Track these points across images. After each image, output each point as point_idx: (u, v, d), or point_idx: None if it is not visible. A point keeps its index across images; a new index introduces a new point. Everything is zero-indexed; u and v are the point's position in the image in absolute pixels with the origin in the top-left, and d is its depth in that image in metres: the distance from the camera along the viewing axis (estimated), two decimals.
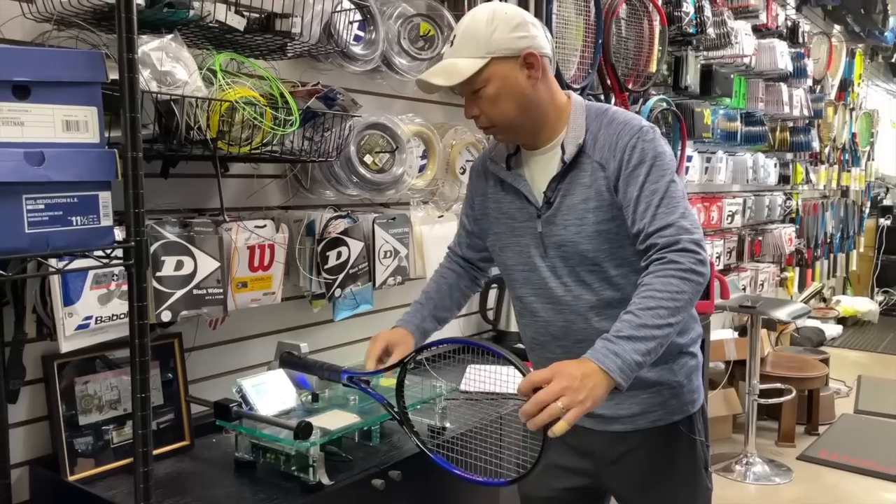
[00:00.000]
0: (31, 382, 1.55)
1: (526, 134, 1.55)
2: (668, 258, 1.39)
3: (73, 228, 1.07)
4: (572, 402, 1.25)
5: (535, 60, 1.48)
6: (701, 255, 1.39)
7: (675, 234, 1.40)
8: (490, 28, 1.47)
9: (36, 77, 1.03)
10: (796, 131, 5.21)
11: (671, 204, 1.43)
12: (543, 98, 1.52)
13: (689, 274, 1.37)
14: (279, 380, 1.73)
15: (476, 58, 1.47)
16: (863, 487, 3.49)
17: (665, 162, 1.47)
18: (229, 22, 1.51)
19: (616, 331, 1.33)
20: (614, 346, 1.31)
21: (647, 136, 1.48)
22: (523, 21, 1.49)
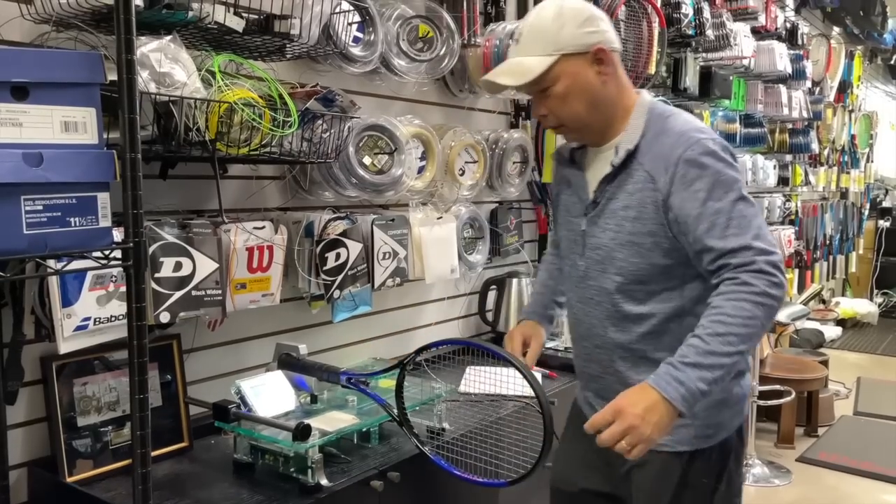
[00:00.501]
0: (30, 384, 1.55)
1: (594, 133, 1.52)
2: (741, 279, 1.31)
3: (72, 229, 1.07)
4: (638, 440, 1.26)
5: (605, 56, 1.44)
6: (777, 279, 1.31)
7: (751, 255, 1.32)
8: (558, 24, 1.43)
9: (34, 78, 1.03)
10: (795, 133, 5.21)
11: (742, 224, 1.34)
12: (613, 96, 1.48)
13: (764, 298, 1.30)
14: (278, 381, 1.73)
15: (544, 55, 1.43)
16: (862, 489, 3.49)
17: (728, 177, 1.37)
18: (228, 23, 1.51)
19: (682, 356, 1.29)
20: (679, 372, 1.27)
21: (703, 148, 1.38)
22: (592, 15, 1.45)
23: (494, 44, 2.43)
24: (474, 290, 2.73)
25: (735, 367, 1.31)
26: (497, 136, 2.61)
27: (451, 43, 2.26)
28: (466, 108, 2.63)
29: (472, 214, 2.51)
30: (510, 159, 2.63)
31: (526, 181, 2.78)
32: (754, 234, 1.34)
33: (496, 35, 2.44)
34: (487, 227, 2.60)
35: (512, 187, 2.67)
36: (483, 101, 2.70)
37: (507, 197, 2.75)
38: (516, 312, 2.64)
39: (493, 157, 2.57)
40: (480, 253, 2.56)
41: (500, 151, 2.58)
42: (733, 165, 1.40)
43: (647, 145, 1.44)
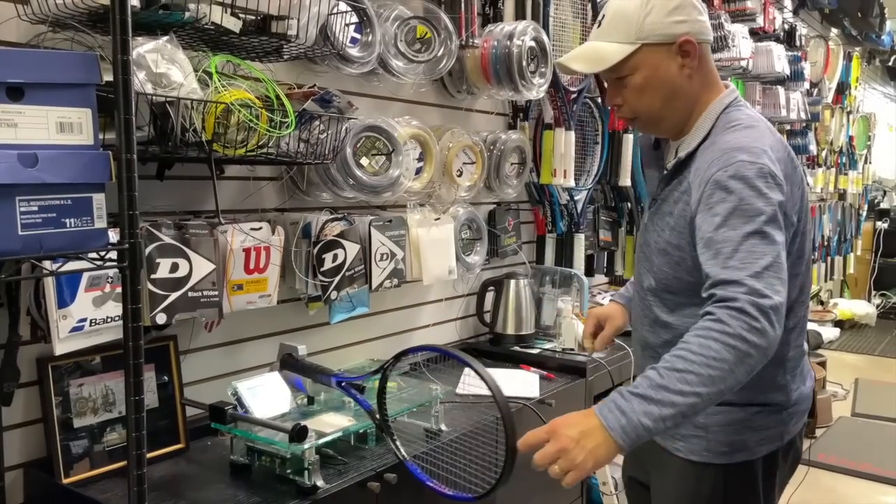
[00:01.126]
0: (26, 385, 1.55)
1: (670, 128, 1.46)
2: (717, 315, 1.19)
3: (67, 230, 1.07)
4: (570, 466, 1.16)
5: (692, 48, 1.36)
6: (759, 323, 1.17)
7: (737, 291, 1.19)
8: (644, 10, 1.34)
9: (30, 79, 1.03)
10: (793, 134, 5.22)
11: (747, 259, 1.21)
12: (695, 91, 1.40)
13: (737, 341, 1.16)
14: (274, 383, 1.72)
15: (625, 43, 1.35)
16: (860, 490, 3.49)
17: (751, 207, 1.24)
18: (225, 24, 1.51)
19: (634, 385, 1.19)
20: (624, 402, 1.17)
21: (735, 171, 1.26)
22: (684, 2, 1.36)
23: (492, 45, 2.43)
24: (472, 291, 2.73)
25: (694, 408, 1.16)
26: (495, 138, 2.60)
27: (449, 44, 2.26)
28: (464, 110, 2.63)
29: (470, 215, 2.51)
30: (508, 160, 2.63)
31: (524, 182, 2.78)
32: (755, 271, 1.20)
33: (494, 36, 2.44)
34: (485, 228, 2.59)
35: (510, 188, 2.67)
36: (481, 103, 2.70)
37: (505, 198, 2.75)
38: (514, 313, 2.65)
39: (491, 159, 2.57)
40: (478, 254, 2.56)
41: (498, 152, 2.58)
42: (764, 195, 1.25)
43: (701, 153, 1.37)
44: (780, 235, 1.26)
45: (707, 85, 1.43)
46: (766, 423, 1.45)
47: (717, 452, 1.44)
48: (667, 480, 1.52)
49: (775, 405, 1.46)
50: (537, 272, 2.91)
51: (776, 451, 1.46)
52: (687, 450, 1.47)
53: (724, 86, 1.47)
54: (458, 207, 2.46)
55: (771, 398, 1.45)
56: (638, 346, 1.58)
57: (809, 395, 1.52)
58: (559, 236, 3.00)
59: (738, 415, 1.43)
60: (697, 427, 1.45)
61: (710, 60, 1.43)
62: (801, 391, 1.50)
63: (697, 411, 1.17)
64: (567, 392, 2.35)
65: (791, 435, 1.49)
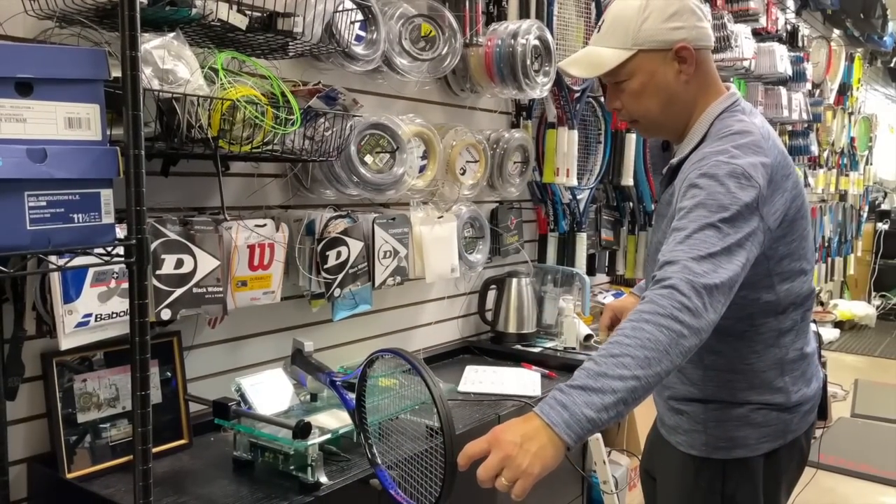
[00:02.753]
0: (30, 380, 1.55)
1: (669, 132, 1.48)
2: (649, 297, 1.16)
3: (75, 226, 1.07)
4: (516, 475, 1.07)
5: (688, 55, 1.37)
6: (690, 302, 1.13)
7: (673, 270, 1.17)
8: (642, 16, 1.36)
9: (39, 74, 1.03)
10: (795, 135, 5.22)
11: (697, 245, 1.20)
12: (693, 95, 1.41)
13: (668, 321, 1.12)
14: (278, 379, 1.73)
15: (621, 49, 1.37)
16: (859, 491, 3.50)
17: (717, 202, 1.23)
18: (231, 21, 1.51)
19: (571, 379, 1.12)
20: (564, 396, 1.10)
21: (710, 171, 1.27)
22: (682, 8, 1.37)
23: (496, 43, 2.43)
24: (474, 289, 2.73)
25: (635, 393, 1.10)
26: (498, 136, 2.61)
27: (454, 42, 2.26)
28: (468, 108, 2.63)
29: (473, 214, 2.51)
30: (511, 159, 2.63)
31: (526, 181, 2.78)
32: (698, 255, 1.18)
33: (498, 34, 2.45)
34: (488, 226, 2.60)
35: (512, 187, 2.67)
36: (484, 101, 2.70)
37: (507, 197, 2.75)
38: (516, 312, 2.65)
39: (494, 157, 2.57)
40: (481, 252, 2.56)
41: (501, 151, 2.58)
42: (731, 193, 1.24)
43: (695, 155, 1.36)
44: (740, 231, 1.23)
45: (706, 89, 1.43)
46: (767, 420, 1.45)
47: (715, 447, 1.45)
48: (669, 473, 1.55)
49: (775, 405, 1.46)
50: (539, 271, 2.92)
51: (779, 449, 1.47)
52: (687, 444, 1.49)
53: (726, 87, 1.48)
54: (461, 206, 2.47)
55: (769, 399, 1.45)
56: None
57: (814, 397, 1.53)
58: (561, 235, 3.00)
59: (738, 411, 1.44)
60: (697, 422, 1.47)
61: (709, 65, 1.44)
62: (804, 393, 1.49)
63: (638, 397, 1.11)
64: None
65: (795, 434, 1.49)
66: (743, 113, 1.42)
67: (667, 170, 1.45)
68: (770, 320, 1.43)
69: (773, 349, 1.44)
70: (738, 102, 1.44)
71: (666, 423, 1.56)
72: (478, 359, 2.59)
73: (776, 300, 1.41)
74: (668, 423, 1.55)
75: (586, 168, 3.11)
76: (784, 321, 1.43)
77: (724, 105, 1.42)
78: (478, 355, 2.63)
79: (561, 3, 2.79)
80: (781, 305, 1.42)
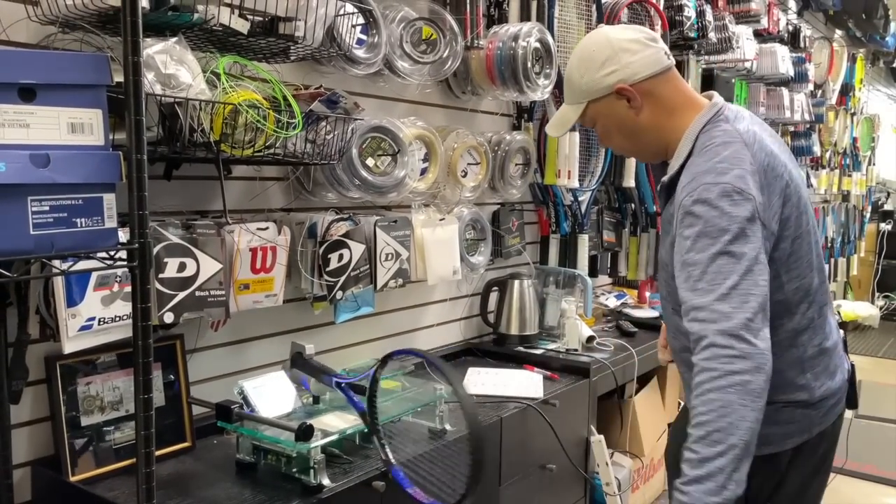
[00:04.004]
0: (34, 383, 1.56)
1: (650, 154, 1.60)
2: (700, 366, 1.27)
3: (78, 230, 1.08)
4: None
5: (627, 91, 1.48)
6: (734, 350, 1.23)
7: (703, 323, 1.27)
8: (579, 74, 1.52)
9: (41, 80, 1.04)
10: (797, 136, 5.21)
11: (714, 280, 1.29)
12: (657, 121, 1.50)
13: (726, 379, 1.23)
14: (280, 382, 1.73)
15: (576, 104, 1.55)
16: (862, 492, 3.49)
17: (715, 228, 1.31)
18: (233, 25, 1.51)
19: (683, 477, 1.25)
20: (685, 497, 1.23)
21: (698, 196, 1.34)
22: (610, 56, 1.48)
23: (497, 46, 2.43)
24: (476, 291, 2.74)
25: (741, 454, 1.22)
26: (500, 138, 2.61)
27: (455, 45, 2.27)
28: (469, 110, 2.63)
29: (475, 216, 2.52)
30: (512, 161, 2.63)
31: (528, 183, 2.79)
32: (721, 294, 1.27)
33: (499, 37, 2.45)
34: (489, 228, 2.60)
35: (514, 189, 2.67)
36: (486, 103, 2.71)
37: (509, 199, 2.76)
38: (518, 314, 2.65)
39: (496, 159, 2.58)
40: (482, 254, 2.57)
41: (502, 153, 2.59)
42: (727, 213, 1.31)
43: (684, 174, 1.44)
44: (749, 246, 1.30)
45: (671, 111, 1.50)
46: (792, 418, 1.49)
47: None
48: None
49: (799, 402, 1.50)
50: (541, 273, 2.92)
51: (805, 443, 1.51)
52: None
53: (708, 96, 1.53)
54: (463, 208, 2.47)
55: (793, 396, 1.49)
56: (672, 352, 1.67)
57: (840, 389, 1.56)
58: (563, 237, 3.01)
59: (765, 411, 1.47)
60: None
61: (666, 88, 1.50)
62: (828, 387, 1.52)
63: (746, 454, 1.23)
64: (571, 392, 2.35)
65: (822, 426, 1.53)
66: (727, 121, 1.45)
67: (660, 188, 1.54)
68: (784, 321, 1.45)
69: (791, 349, 1.47)
70: (721, 111, 1.48)
71: None
72: (480, 361, 2.59)
73: (786, 299, 1.44)
74: None
75: (588, 170, 3.11)
76: (800, 321, 1.47)
77: (707, 117, 1.47)
78: (480, 357, 2.63)
79: (562, 6, 2.80)
80: (793, 304, 1.45)
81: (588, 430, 2.46)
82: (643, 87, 1.48)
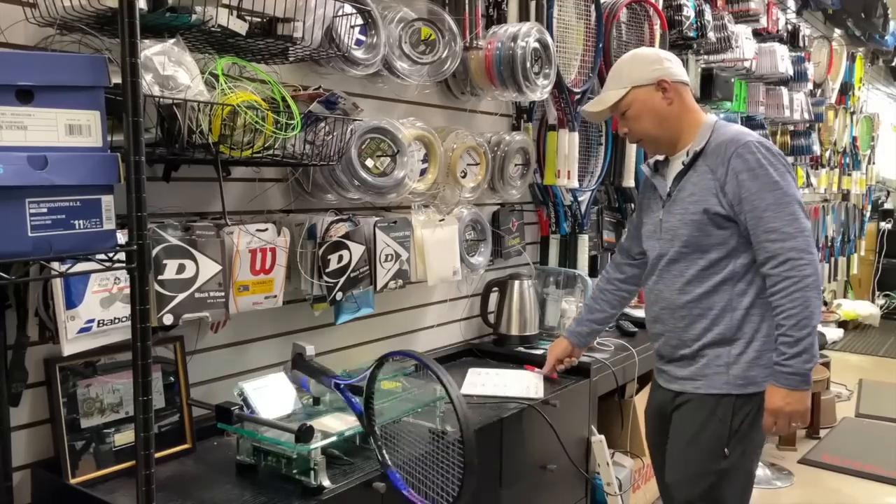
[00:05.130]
0: (34, 385, 1.56)
1: (665, 144, 1.95)
2: (782, 276, 1.72)
3: (76, 232, 1.08)
4: (798, 421, 1.78)
5: (667, 85, 1.89)
6: (803, 261, 1.70)
7: (778, 243, 1.72)
8: (630, 65, 1.94)
9: (39, 81, 1.04)
10: (797, 135, 5.22)
11: (778, 210, 1.73)
12: (678, 114, 1.91)
13: (804, 282, 1.70)
14: (280, 383, 1.73)
15: (620, 88, 1.92)
16: (864, 491, 3.49)
17: (768, 172, 1.75)
18: (231, 26, 1.51)
19: (782, 355, 1.72)
20: (788, 369, 1.72)
21: (749, 148, 1.77)
22: (659, 58, 1.94)
23: (496, 46, 2.43)
24: (476, 292, 2.74)
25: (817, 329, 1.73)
26: (499, 139, 2.61)
27: (454, 45, 2.26)
28: (468, 111, 2.63)
29: (474, 216, 2.51)
30: (512, 161, 2.63)
31: (528, 183, 2.79)
32: (785, 219, 1.73)
33: (498, 38, 2.45)
34: (489, 229, 2.60)
35: (514, 189, 2.67)
36: (485, 104, 2.70)
37: (508, 199, 2.76)
38: (518, 314, 2.65)
39: (495, 160, 2.58)
40: (482, 255, 2.56)
41: (501, 154, 2.59)
42: (773, 163, 1.77)
43: (710, 148, 1.85)
44: None
45: (689, 110, 1.93)
46: (769, 363, 1.81)
47: (734, 384, 1.84)
48: (683, 417, 1.92)
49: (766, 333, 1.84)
50: (541, 273, 2.92)
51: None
52: (707, 385, 1.87)
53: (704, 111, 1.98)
54: (463, 208, 2.47)
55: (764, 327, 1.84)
56: (666, 310, 1.95)
57: None
58: (563, 237, 3.01)
59: (751, 354, 1.84)
60: (720, 365, 1.85)
61: (688, 94, 1.94)
62: None
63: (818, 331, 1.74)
64: (571, 393, 2.35)
65: None
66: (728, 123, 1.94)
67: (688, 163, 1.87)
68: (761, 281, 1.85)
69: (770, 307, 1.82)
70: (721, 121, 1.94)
71: (680, 375, 1.93)
72: (480, 361, 2.59)
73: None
74: (682, 374, 1.92)
75: (587, 170, 3.11)
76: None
77: (715, 119, 1.93)
78: (480, 358, 2.63)
79: (560, 6, 2.79)
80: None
81: (589, 431, 2.45)
82: (675, 86, 1.91)
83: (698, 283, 1.87)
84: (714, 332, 1.86)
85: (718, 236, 1.83)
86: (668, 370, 1.97)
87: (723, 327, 1.86)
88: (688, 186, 1.87)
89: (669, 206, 1.92)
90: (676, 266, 1.90)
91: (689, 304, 1.89)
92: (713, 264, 1.85)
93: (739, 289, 1.83)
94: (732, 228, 1.81)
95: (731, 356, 1.85)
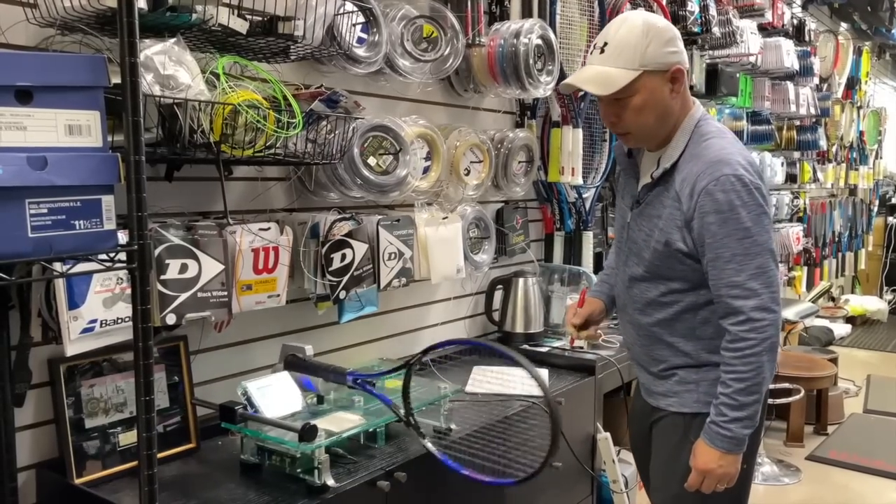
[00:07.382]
0: (38, 386, 1.56)
1: (654, 141, 1.68)
2: (739, 335, 1.54)
3: (77, 232, 1.08)
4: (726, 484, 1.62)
5: (681, 76, 1.60)
6: (765, 321, 1.52)
7: (739, 300, 1.53)
8: (645, 41, 1.55)
9: (39, 82, 1.03)
10: (803, 130, 5.19)
11: (744, 261, 1.53)
12: (677, 111, 1.64)
13: (761, 345, 1.53)
14: (284, 382, 1.73)
15: (629, 69, 1.55)
16: (872, 487, 3.47)
17: (739, 216, 1.52)
18: (232, 25, 1.51)
19: (722, 417, 1.57)
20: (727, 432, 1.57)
21: (725, 185, 1.53)
22: (674, 36, 1.59)
23: (499, 43, 2.42)
24: (480, 289, 2.73)
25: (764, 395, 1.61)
26: (502, 136, 2.60)
27: (456, 43, 2.26)
28: (471, 108, 2.63)
29: (478, 214, 2.51)
30: (515, 158, 2.62)
31: (532, 180, 2.78)
32: (751, 272, 1.53)
33: (500, 35, 2.44)
34: (493, 226, 2.59)
35: (518, 187, 2.66)
36: (488, 101, 2.70)
37: (512, 196, 2.75)
38: (523, 312, 2.65)
39: (499, 157, 2.57)
40: (486, 252, 2.56)
41: (505, 151, 2.58)
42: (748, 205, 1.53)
43: (683, 163, 1.61)
44: None
45: (685, 104, 1.66)
46: None
47: (704, 402, 1.67)
48: (659, 436, 1.79)
49: None
50: (546, 270, 2.91)
51: None
52: (679, 403, 1.72)
53: (692, 101, 1.70)
54: (466, 206, 2.46)
55: None
56: (629, 325, 1.81)
57: None
58: (567, 234, 3.00)
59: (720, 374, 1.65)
60: (689, 383, 1.70)
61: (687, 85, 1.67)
62: None
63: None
64: (577, 390, 2.34)
65: None
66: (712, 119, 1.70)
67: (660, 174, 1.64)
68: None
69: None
70: (704, 111, 1.70)
71: (655, 391, 1.78)
72: (485, 359, 2.59)
73: None
74: (657, 390, 1.77)
75: (592, 166, 3.10)
76: None
77: (698, 115, 1.67)
78: (485, 356, 2.62)
79: (564, 2, 2.78)
80: None
81: (594, 428, 2.45)
82: (684, 77, 1.62)
83: (660, 308, 1.70)
84: (679, 359, 1.71)
85: (680, 270, 1.64)
86: (645, 383, 1.83)
87: (686, 356, 1.70)
88: (656, 205, 1.66)
89: (636, 216, 1.73)
90: (639, 285, 1.73)
91: (650, 326, 1.73)
92: (674, 292, 1.67)
93: (702, 317, 1.66)
94: (696, 265, 1.62)
95: (700, 374, 1.69)
